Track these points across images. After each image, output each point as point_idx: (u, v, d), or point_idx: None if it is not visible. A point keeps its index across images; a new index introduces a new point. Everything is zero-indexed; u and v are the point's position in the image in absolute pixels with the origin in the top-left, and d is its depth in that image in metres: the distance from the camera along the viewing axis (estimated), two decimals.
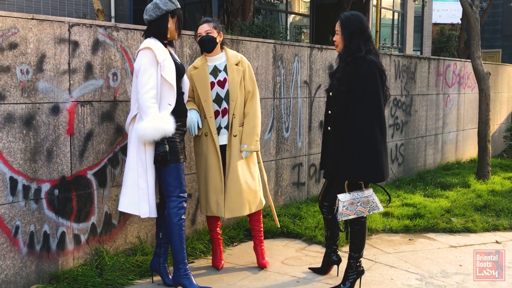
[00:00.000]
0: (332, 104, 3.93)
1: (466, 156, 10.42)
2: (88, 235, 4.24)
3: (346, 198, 3.73)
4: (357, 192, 3.76)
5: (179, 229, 3.80)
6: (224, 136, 4.28)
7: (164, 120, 3.66)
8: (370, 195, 3.76)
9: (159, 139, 3.65)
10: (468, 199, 6.77)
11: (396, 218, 5.91)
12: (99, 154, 4.27)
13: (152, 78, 3.66)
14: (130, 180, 3.80)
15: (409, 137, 8.54)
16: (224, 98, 4.26)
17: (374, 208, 3.76)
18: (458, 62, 9.97)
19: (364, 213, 3.75)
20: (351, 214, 3.73)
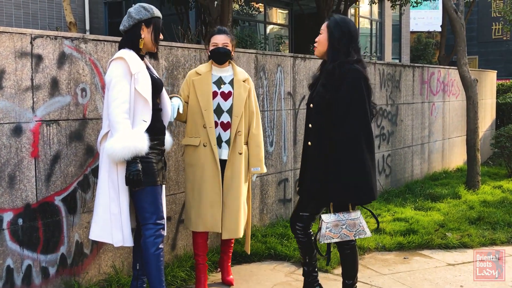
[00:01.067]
0: (313, 116, 3.60)
1: (453, 165, 10.21)
2: (58, 267, 3.85)
3: (330, 219, 3.40)
4: (343, 214, 3.43)
5: (157, 260, 3.44)
6: (225, 151, 4.08)
7: (136, 137, 3.31)
8: (357, 217, 3.42)
9: (130, 158, 3.28)
10: (461, 211, 6.51)
11: (388, 234, 5.61)
12: (67, 177, 3.89)
13: (124, 91, 3.32)
14: (102, 205, 3.44)
15: (396, 147, 8.28)
16: (226, 111, 4.08)
17: (361, 233, 3.42)
18: (442, 69, 9.78)
19: (349, 237, 3.41)
20: (334, 237, 3.40)
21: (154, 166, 3.47)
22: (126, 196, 3.41)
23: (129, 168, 3.30)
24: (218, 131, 4.06)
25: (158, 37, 3.59)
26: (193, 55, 4.81)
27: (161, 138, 3.61)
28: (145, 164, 3.38)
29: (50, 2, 14.31)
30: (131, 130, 3.31)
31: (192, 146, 4.08)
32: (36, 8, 13.93)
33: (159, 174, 3.53)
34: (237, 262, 4.90)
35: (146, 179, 3.38)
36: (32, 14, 13.92)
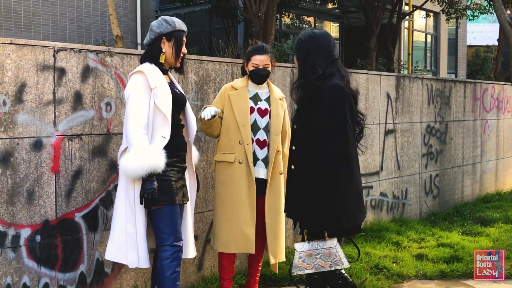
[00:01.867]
0: (296, 138, 3.29)
1: (507, 186, 9.65)
2: (76, 286, 3.74)
3: (304, 248, 3.11)
4: (317, 242, 3.11)
5: (173, 284, 3.27)
6: (261, 170, 3.93)
7: (152, 153, 3.16)
8: (333, 246, 3.08)
9: (145, 176, 3.13)
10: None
11: (430, 261, 5.25)
12: (89, 194, 3.79)
13: (142, 106, 3.20)
14: (118, 224, 3.32)
15: (445, 167, 7.86)
16: (263, 128, 3.95)
17: (337, 263, 3.07)
18: (496, 85, 9.28)
19: (324, 268, 3.09)
20: (308, 268, 3.10)
21: (172, 184, 3.32)
22: (142, 215, 3.27)
23: (144, 186, 3.15)
24: (253, 149, 3.91)
25: (180, 51, 3.45)
26: (225, 69, 4.66)
27: (181, 155, 3.45)
28: (162, 182, 3.24)
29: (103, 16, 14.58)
30: (147, 146, 3.17)
31: (225, 162, 3.91)
32: (90, 22, 14.21)
33: (178, 193, 3.37)
34: (265, 285, 4.68)
35: (163, 198, 3.23)
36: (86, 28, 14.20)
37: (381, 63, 11.48)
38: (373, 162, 6.42)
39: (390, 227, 6.28)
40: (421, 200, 7.37)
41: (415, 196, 7.23)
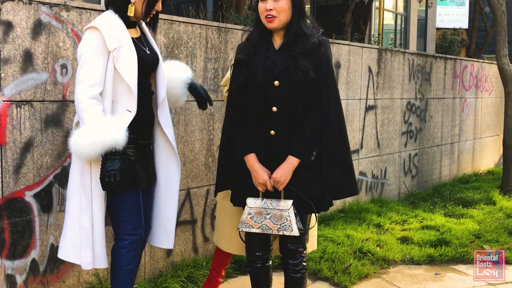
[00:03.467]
0: (279, 98, 2.75)
1: (483, 167, 9.45)
2: (27, 275, 3.25)
3: (255, 204, 2.74)
4: (271, 201, 2.74)
5: (127, 277, 2.80)
6: None
7: (108, 126, 2.61)
8: (287, 209, 2.69)
9: (101, 156, 2.60)
10: (498, 220, 5.79)
11: (416, 244, 4.92)
12: (41, 169, 3.28)
13: (96, 71, 2.65)
14: (71, 216, 2.80)
15: (424, 146, 7.56)
16: None
17: (286, 228, 2.69)
18: (475, 62, 9.01)
19: (271, 230, 2.71)
20: (254, 227, 2.73)
21: (133, 164, 2.81)
22: (101, 205, 2.76)
23: (105, 168, 2.62)
24: None
25: (153, 8, 2.88)
26: (198, 32, 4.17)
27: (148, 131, 2.94)
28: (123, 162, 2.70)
29: None
30: (100, 118, 2.62)
31: None
32: None
33: (140, 175, 2.85)
34: (242, 272, 4.27)
35: (122, 181, 2.70)
36: None
37: (357, 38, 11.11)
38: (353, 139, 6.04)
39: (370, 208, 5.93)
40: (400, 180, 7.06)
41: (394, 175, 6.91)
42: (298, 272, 2.88)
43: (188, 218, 4.24)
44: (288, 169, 2.71)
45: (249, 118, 2.76)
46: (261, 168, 2.73)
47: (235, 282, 4.10)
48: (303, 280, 2.91)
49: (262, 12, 2.74)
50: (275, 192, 2.76)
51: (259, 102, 2.72)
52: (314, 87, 2.73)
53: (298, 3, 2.76)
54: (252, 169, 2.75)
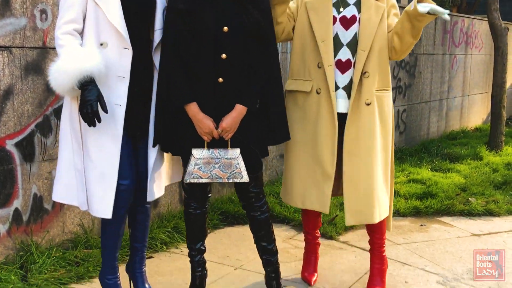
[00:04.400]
0: (229, 44, 2.63)
1: (471, 124, 9.47)
2: (10, 225, 3.22)
3: (202, 154, 2.69)
4: (218, 151, 2.70)
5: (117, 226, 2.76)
6: (342, 101, 2.93)
7: (81, 55, 2.45)
8: (235, 157, 2.68)
9: (76, 85, 2.44)
10: (484, 174, 5.82)
11: (402, 197, 4.95)
12: (22, 118, 3.21)
13: (72, 9, 2.50)
14: (66, 159, 2.68)
15: (412, 102, 7.53)
16: (346, 44, 2.92)
17: (237, 176, 2.68)
18: (466, 19, 8.91)
19: (221, 179, 2.68)
20: (203, 177, 2.69)
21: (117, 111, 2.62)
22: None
23: (82, 98, 2.46)
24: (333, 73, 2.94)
25: None
26: None
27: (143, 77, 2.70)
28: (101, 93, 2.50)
29: None
30: (74, 49, 2.47)
31: (300, 92, 3.01)
32: None
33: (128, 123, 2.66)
34: (228, 223, 4.28)
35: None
36: None
37: None
38: None
39: None
40: None
41: None
42: (265, 212, 2.88)
43: None
44: (237, 117, 2.65)
45: (194, 65, 2.63)
46: (205, 117, 2.64)
47: (221, 232, 4.12)
48: (269, 219, 2.92)
49: None
50: (220, 141, 2.71)
51: (208, 49, 2.60)
52: (262, 36, 2.67)
53: None
54: (195, 118, 2.65)
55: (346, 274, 3.40)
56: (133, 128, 2.69)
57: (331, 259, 3.49)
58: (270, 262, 2.94)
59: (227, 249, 3.78)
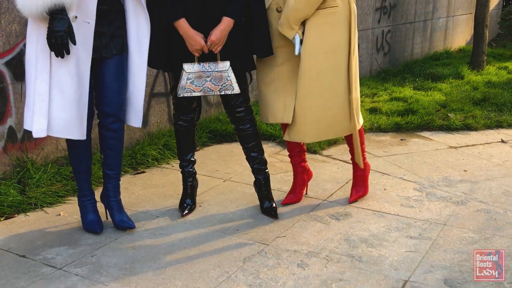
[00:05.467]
0: None
1: (455, 45, 9.54)
2: (6, 142, 3.34)
3: (193, 69, 2.78)
4: (209, 64, 2.80)
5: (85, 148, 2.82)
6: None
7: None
8: (226, 70, 2.79)
9: (46, 13, 2.39)
10: (464, 92, 5.98)
11: (384, 114, 5.10)
12: (11, 37, 3.26)
13: None
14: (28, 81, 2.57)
15: (397, 23, 7.56)
16: None
17: (228, 88, 2.80)
18: None
19: (213, 92, 2.81)
20: (196, 91, 2.81)
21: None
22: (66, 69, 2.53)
23: (51, 28, 2.40)
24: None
25: None
26: None
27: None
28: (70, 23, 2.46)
29: None
30: None
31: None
32: None
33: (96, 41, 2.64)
34: (217, 141, 4.43)
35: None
36: None
37: None
38: None
39: None
40: (372, 57, 7.13)
41: (366, 52, 6.97)
42: (253, 125, 3.01)
43: (162, 90, 4.30)
44: (225, 30, 2.73)
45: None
46: (195, 33, 2.71)
47: (210, 149, 4.27)
48: (257, 131, 3.06)
49: None
50: (210, 55, 2.79)
51: None
52: None
53: None
54: (186, 35, 2.72)
55: (329, 183, 3.59)
56: (100, 48, 2.66)
57: (314, 171, 3.66)
58: (261, 169, 3.11)
59: (216, 164, 3.94)
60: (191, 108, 3.02)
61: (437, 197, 3.36)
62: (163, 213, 3.13)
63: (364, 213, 3.14)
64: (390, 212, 3.16)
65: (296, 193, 3.30)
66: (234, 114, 3.00)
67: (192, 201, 3.17)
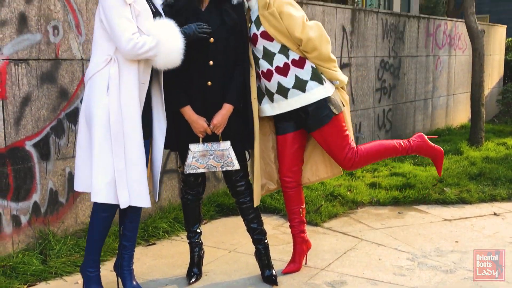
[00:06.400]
0: (215, 52, 3.10)
1: (457, 122, 9.92)
2: (30, 216, 3.66)
3: (198, 148, 3.16)
4: (212, 144, 3.18)
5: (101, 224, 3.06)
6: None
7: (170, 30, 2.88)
8: (227, 149, 3.17)
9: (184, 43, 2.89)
10: (462, 167, 6.26)
11: (384, 189, 5.39)
12: (39, 121, 3.66)
13: (130, 21, 2.79)
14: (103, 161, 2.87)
15: (397, 102, 7.98)
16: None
17: (229, 164, 3.18)
18: (449, 21, 9.37)
19: (216, 168, 3.18)
20: (201, 168, 3.18)
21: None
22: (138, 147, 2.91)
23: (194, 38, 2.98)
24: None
25: None
26: None
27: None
28: None
29: None
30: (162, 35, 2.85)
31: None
32: None
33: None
34: (224, 214, 4.72)
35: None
36: None
37: None
38: None
39: None
40: (374, 134, 7.49)
41: (368, 130, 7.34)
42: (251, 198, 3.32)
43: (174, 167, 4.65)
44: (226, 115, 3.14)
45: (188, 71, 3.09)
46: (199, 118, 3.12)
47: (217, 222, 4.55)
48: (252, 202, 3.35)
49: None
50: (213, 136, 3.18)
51: (198, 58, 3.07)
52: (239, 30, 3.14)
53: None
54: (191, 120, 3.13)
55: (327, 253, 3.83)
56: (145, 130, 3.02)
57: (314, 242, 3.92)
58: (261, 240, 3.39)
59: (222, 236, 4.21)
60: (197, 183, 3.36)
61: (428, 266, 3.58)
62: (172, 281, 3.39)
63: (358, 281, 3.37)
64: (383, 280, 3.38)
65: (296, 262, 3.55)
66: (235, 188, 3.32)
67: (199, 270, 3.43)
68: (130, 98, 2.86)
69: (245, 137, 3.26)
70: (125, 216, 3.15)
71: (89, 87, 2.88)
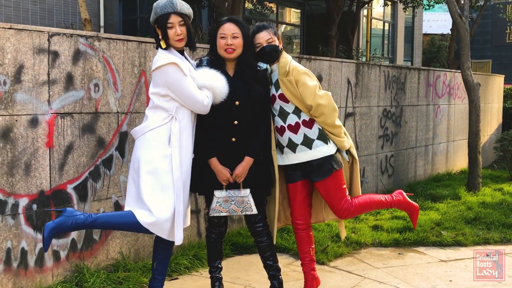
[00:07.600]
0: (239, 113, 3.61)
1: (457, 167, 10.37)
2: (68, 251, 4.11)
3: (221, 194, 3.65)
4: (233, 191, 3.67)
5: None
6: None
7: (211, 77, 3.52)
8: (246, 196, 3.66)
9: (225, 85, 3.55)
10: (459, 212, 6.69)
11: (385, 231, 5.81)
12: (79, 167, 4.15)
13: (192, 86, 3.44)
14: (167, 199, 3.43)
15: (399, 148, 8.46)
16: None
17: (248, 209, 3.66)
18: (448, 72, 9.94)
19: (236, 212, 3.66)
20: (223, 212, 3.65)
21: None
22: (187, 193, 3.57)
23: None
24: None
25: (167, 36, 3.46)
26: (201, 55, 5.03)
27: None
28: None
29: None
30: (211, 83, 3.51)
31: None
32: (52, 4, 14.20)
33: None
34: (238, 252, 5.14)
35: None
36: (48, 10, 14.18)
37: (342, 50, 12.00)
38: None
39: None
40: (377, 178, 7.94)
41: (371, 174, 7.80)
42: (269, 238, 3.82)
43: (193, 208, 5.10)
44: (247, 166, 3.64)
45: (216, 128, 3.63)
46: (223, 168, 3.62)
47: (232, 260, 4.97)
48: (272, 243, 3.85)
49: (222, 46, 3.61)
50: (235, 184, 3.66)
51: (224, 117, 3.62)
52: (263, 106, 3.69)
53: (247, 40, 3.67)
54: (216, 169, 3.63)
55: None
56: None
57: (321, 280, 4.31)
58: (276, 276, 3.83)
59: (238, 272, 4.63)
60: (220, 223, 3.83)
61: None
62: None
63: None
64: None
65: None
66: (254, 229, 3.78)
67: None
68: (186, 149, 3.48)
69: (264, 185, 3.74)
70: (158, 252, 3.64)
71: (145, 139, 3.45)
